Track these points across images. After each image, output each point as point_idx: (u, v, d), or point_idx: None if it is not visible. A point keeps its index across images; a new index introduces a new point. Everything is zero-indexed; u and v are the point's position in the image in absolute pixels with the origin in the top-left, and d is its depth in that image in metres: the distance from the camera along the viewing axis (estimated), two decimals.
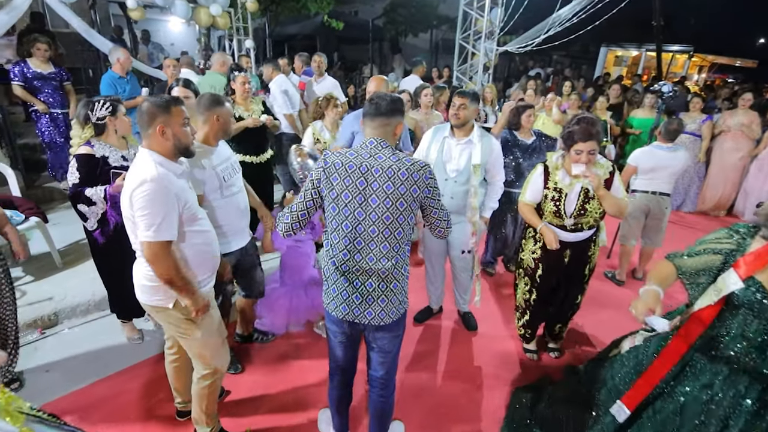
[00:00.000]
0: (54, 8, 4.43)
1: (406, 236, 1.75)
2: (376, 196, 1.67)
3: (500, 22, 7.23)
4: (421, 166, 1.69)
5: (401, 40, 13.38)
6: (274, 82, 4.84)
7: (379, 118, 1.72)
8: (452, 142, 2.75)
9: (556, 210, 2.46)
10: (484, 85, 6.83)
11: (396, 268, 1.76)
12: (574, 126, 2.26)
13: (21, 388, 2.55)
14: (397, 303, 1.81)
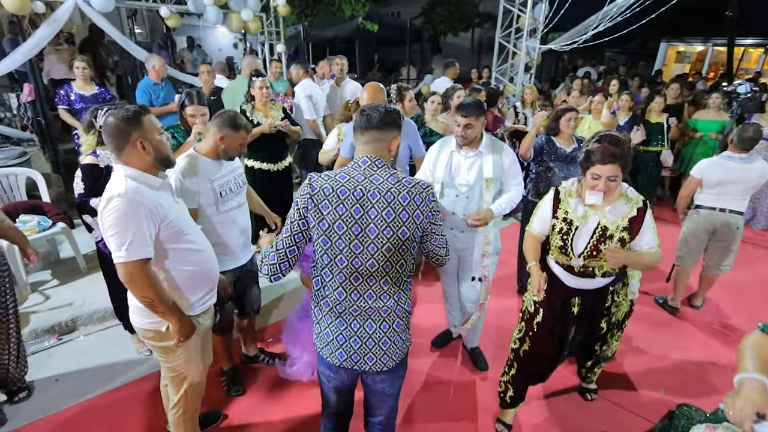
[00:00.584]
0: (92, 18, 4.56)
1: (408, 269, 1.55)
2: (374, 225, 1.44)
3: (544, 18, 6.74)
4: (423, 187, 1.48)
5: (441, 40, 13.03)
6: (300, 86, 4.75)
7: (371, 132, 1.49)
8: (460, 156, 2.49)
9: (562, 245, 2.01)
10: (524, 86, 6.41)
11: (399, 305, 1.56)
12: (594, 144, 1.85)
13: (29, 398, 2.55)
14: (400, 343, 1.60)
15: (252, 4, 5.65)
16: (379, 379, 1.63)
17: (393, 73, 12.96)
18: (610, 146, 1.80)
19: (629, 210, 1.92)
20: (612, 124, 4.46)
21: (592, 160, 1.83)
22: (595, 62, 13.12)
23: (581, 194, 2.00)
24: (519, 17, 7.00)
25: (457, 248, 2.55)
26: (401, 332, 1.59)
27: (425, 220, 1.49)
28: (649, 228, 1.93)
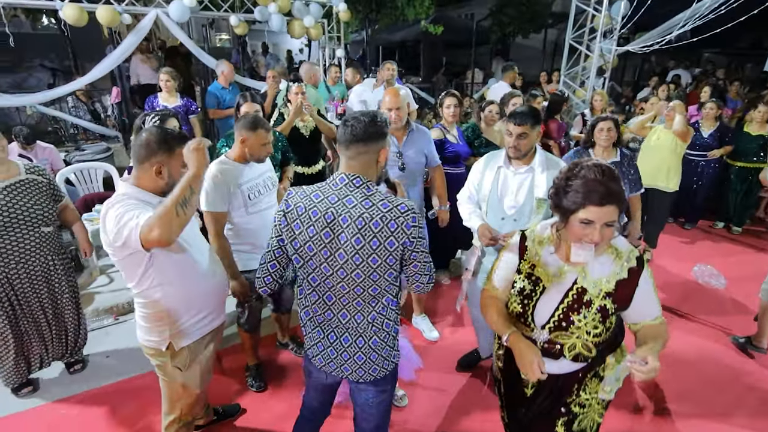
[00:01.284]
0: (168, 27, 5.01)
1: (383, 292, 1.47)
2: (343, 251, 1.38)
3: (623, 17, 6.17)
4: (401, 212, 1.36)
5: (510, 41, 12.50)
6: (354, 90, 4.83)
7: (355, 146, 1.39)
8: (509, 172, 2.25)
9: (521, 311, 1.52)
10: (594, 91, 5.91)
11: (374, 324, 1.50)
12: (580, 175, 1.31)
13: (83, 370, 2.84)
14: (378, 360, 1.54)
15: (314, 10, 5.84)
16: (362, 388, 1.61)
17: (459, 76, 12.71)
18: (608, 179, 1.28)
19: (618, 269, 1.40)
20: (686, 134, 3.91)
21: (581, 198, 1.28)
22: (688, 64, 11.77)
23: (558, 245, 1.48)
24: (594, 17, 6.49)
25: None
26: (379, 349, 1.53)
27: (400, 247, 1.38)
28: (649, 295, 1.43)
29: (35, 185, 2.37)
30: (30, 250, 2.36)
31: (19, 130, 3.97)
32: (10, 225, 2.26)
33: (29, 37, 9.23)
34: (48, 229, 2.42)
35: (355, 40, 13.25)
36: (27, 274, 2.39)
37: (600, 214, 1.28)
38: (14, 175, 2.31)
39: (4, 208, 2.24)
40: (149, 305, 1.70)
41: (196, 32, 10.41)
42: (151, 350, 1.79)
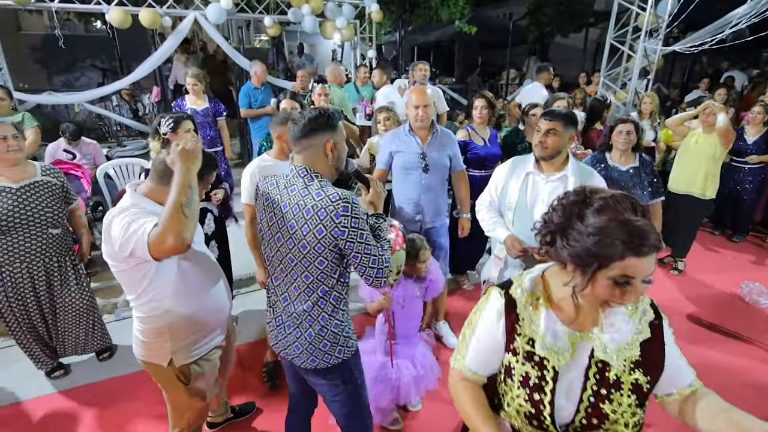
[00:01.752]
0: (205, 29, 5.17)
1: (316, 281, 1.50)
2: (281, 234, 1.50)
3: (669, 15, 5.82)
4: (332, 201, 1.40)
5: (548, 41, 12.10)
6: (381, 92, 4.81)
7: (299, 142, 1.49)
8: (539, 178, 2.08)
9: (532, 410, 1.06)
10: (642, 93, 5.59)
11: (310, 315, 1.53)
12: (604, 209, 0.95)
13: (110, 357, 2.94)
14: (318, 352, 1.55)
15: (347, 11, 5.87)
16: (312, 379, 1.64)
17: (494, 77, 12.45)
18: (645, 215, 0.95)
19: (638, 326, 1.07)
20: (728, 135, 3.58)
21: (620, 247, 0.90)
22: (745, 65, 10.98)
23: (560, 307, 1.07)
24: (638, 15, 6.16)
25: None
26: (316, 341, 1.54)
27: (329, 235, 1.41)
28: (676, 351, 1.10)
29: (49, 187, 2.37)
30: (35, 251, 2.34)
31: (66, 126, 4.21)
32: (20, 225, 2.26)
33: (82, 39, 9.85)
34: (56, 231, 2.41)
35: (389, 41, 13.24)
36: (29, 274, 2.38)
37: (644, 267, 0.91)
38: (30, 176, 2.31)
39: (17, 208, 2.23)
40: (150, 320, 1.62)
41: (234, 34, 10.75)
42: (150, 366, 1.70)
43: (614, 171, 2.82)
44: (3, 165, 2.23)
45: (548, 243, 1.05)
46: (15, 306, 2.44)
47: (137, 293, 1.59)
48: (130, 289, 1.60)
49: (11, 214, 2.23)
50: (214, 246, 2.87)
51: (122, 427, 2.41)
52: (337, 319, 1.56)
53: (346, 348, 1.60)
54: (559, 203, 1.05)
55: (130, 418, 2.46)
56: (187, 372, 1.72)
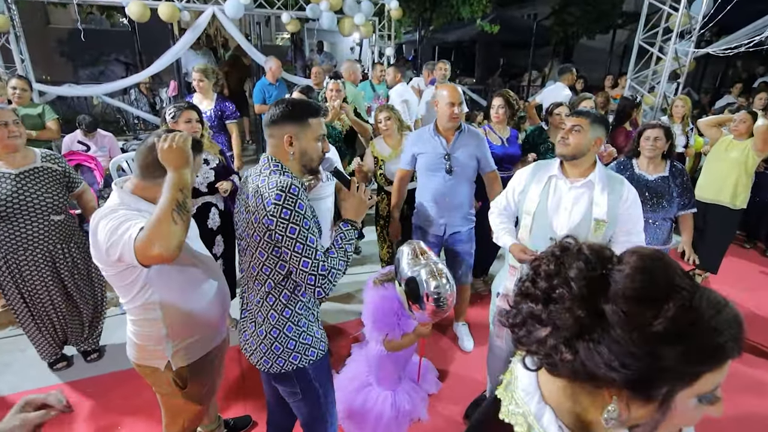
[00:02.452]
0: (223, 24, 5.16)
1: (263, 274, 1.42)
2: (241, 223, 1.47)
3: (704, 16, 5.53)
4: (268, 187, 1.33)
5: (573, 43, 11.77)
6: (395, 90, 4.72)
7: (267, 128, 1.45)
8: (562, 184, 1.90)
9: None
10: (670, 98, 5.33)
11: (261, 310, 1.46)
12: (690, 299, 0.57)
13: (99, 359, 2.82)
14: (273, 353, 1.47)
15: (365, 8, 5.79)
16: (276, 383, 1.58)
17: (515, 78, 12.20)
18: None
19: None
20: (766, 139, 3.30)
21: (731, 347, 0.58)
22: None
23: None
24: (669, 16, 5.89)
25: None
26: (268, 341, 1.46)
27: (261, 224, 1.33)
28: None
29: (49, 173, 2.33)
30: (37, 238, 2.32)
31: (83, 118, 4.24)
32: (20, 212, 2.24)
33: (106, 33, 10.04)
34: (58, 218, 2.38)
35: (409, 41, 13.12)
36: (35, 262, 2.36)
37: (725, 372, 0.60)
38: (30, 162, 2.29)
39: (17, 194, 2.21)
40: (146, 323, 1.54)
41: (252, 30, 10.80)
42: (147, 369, 1.63)
43: (640, 180, 2.64)
44: (3, 151, 2.21)
45: (546, 356, 0.62)
46: (25, 293, 2.43)
47: (131, 296, 1.50)
48: (124, 292, 1.51)
49: (11, 200, 2.20)
50: (220, 241, 2.81)
51: (121, 421, 2.37)
52: (291, 321, 1.46)
53: (303, 356, 1.48)
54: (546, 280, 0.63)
55: (129, 412, 2.42)
56: (184, 375, 1.64)
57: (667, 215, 2.64)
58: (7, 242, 2.28)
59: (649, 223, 2.66)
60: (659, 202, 2.60)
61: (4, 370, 2.74)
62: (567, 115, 1.93)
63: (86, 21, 9.40)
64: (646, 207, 2.61)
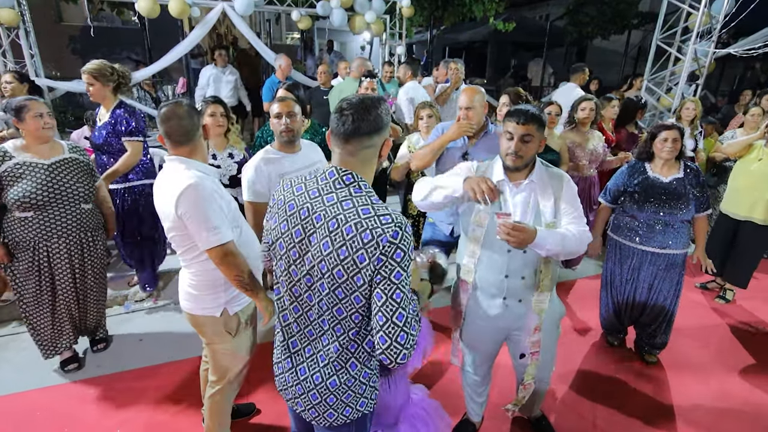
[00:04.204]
0: (233, 20, 5.11)
1: (350, 321, 1.18)
2: (311, 254, 1.16)
3: (725, 16, 5.37)
4: (381, 222, 1.09)
5: (587, 43, 11.57)
6: (403, 88, 4.63)
7: (359, 140, 1.14)
8: (507, 189, 1.73)
9: None
10: (684, 98, 5.17)
11: (337, 360, 1.23)
12: None
13: (106, 349, 2.86)
14: (338, 404, 1.26)
15: (376, 6, 5.70)
16: (322, 430, 1.35)
17: (527, 79, 12.03)
18: None
19: None
20: None
21: None
22: None
23: None
24: (689, 15, 5.73)
25: (509, 326, 1.87)
26: (339, 392, 1.25)
27: (370, 266, 1.08)
28: None
29: (77, 164, 2.44)
30: (71, 225, 2.43)
31: (90, 114, 4.22)
32: (54, 200, 2.34)
33: (116, 31, 10.09)
34: (88, 206, 2.51)
35: (420, 41, 13.02)
36: (67, 249, 2.45)
37: None
38: (59, 153, 2.40)
39: (50, 184, 2.31)
40: (205, 273, 1.72)
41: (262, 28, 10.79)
42: (202, 319, 1.79)
43: (655, 183, 2.53)
44: (37, 142, 2.32)
45: None
46: (47, 283, 2.46)
47: (189, 246, 1.68)
48: (183, 244, 1.69)
49: (45, 189, 2.30)
50: None
51: (123, 421, 2.32)
52: (368, 368, 1.28)
53: (369, 400, 1.32)
54: None
55: (132, 412, 2.38)
56: (236, 323, 1.84)
57: (685, 218, 2.54)
58: (40, 230, 2.35)
59: (668, 226, 2.55)
60: (677, 205, 2.49)
61: (4, 367, 2.71)
62: (509, 119, 1.67)
63: (97, 18, 9.45)
64: (665, 210, 2.51)
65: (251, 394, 2.53)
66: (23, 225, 2.33)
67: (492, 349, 2.01)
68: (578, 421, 2.40)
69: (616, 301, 2.87)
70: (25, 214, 2.31)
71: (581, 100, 3.68)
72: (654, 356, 2.88)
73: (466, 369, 2.12)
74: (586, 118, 3.61)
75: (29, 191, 2.26)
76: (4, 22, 4.51)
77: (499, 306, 1.81)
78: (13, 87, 3.52)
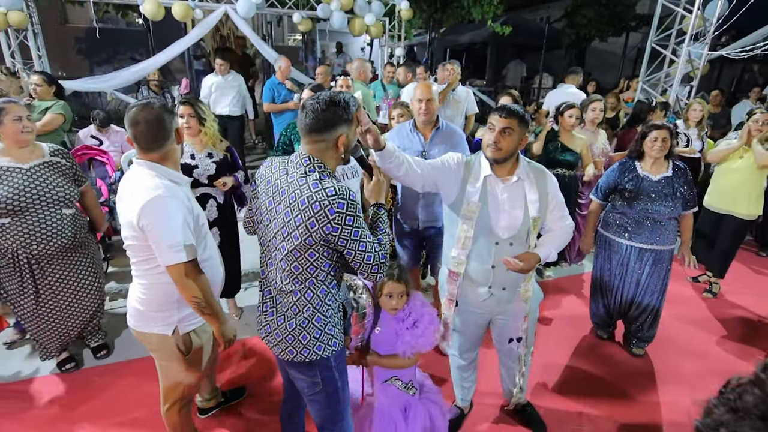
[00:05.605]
0: (235, 22, 5.22)
1: (306, 273, 1.44)
2: (276, 221, 1.45)
3: (718, 18, 5.45)
4: (328, 195, 1.34)
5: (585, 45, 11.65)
6: (405, 90, 4.72)
7: (310, 136, 1.42)
8: (495, 184, 1.81)
9: None
10: (683, 101, 5.26)
11: (296, 304, 1.48)
12: None
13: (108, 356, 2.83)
14: (300, 343, 1.49)
15: (376, 8, 5.81)
16: (293, 373, 1.59)
17: (527, 81, 12.12)
18: None
19: None
20: None
21: None
22: None
23: None
24: (683, 18, 5.82)
25: (492, 311, 1.99)
26: (297, 332, 1.48)
27: (320, 231, 1.35)
28: None
29: (58, 168, 2.35)
30: (51, 230, 2.32)
31: (96, 113, 4.33)
32: (32, 205, 2.24)
33: (121, 32, 10.24)
34: (69, 211, 2.40)
35: (420, 42, 13.13)
36: (48, 255, 2.35)
37: None
38: (38, 157, 2.30)
39: (27, 188, 2.22)
40: (158, 286, 1.62)
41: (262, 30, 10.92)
42: (150, 337, 1.70)
43: (645, 181, 2.63)
44: (16, 146, 2.24)
45: None
46: (31, 290, 2.39)
47: (149, 260, 1.59)
48: (140, 254, 1.60)
49: (23, 194, 2.21)
50: (216, 233, 2.85)
51: (121, 411, 2.40)
52: (321, 313, 1.50)
53: (327, 346, 1.52)
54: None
55: (131, 402, 2.46)
56: (187, 342, 1.74)
57: (673, 214, 2.64)
58: (20, 236, 2.26)
59: (656, 223, 2.65)
60: (665, 202, 2.59)
61: (8, 356, 2.80)
62: (494, 112, 1.76)
63: (102, 20, 9.59)
64: (653, 207, 2.61)
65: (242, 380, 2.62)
66: (1, 232, 2.23)
67: (477, 334, 2.12)
68: (565, 411, 2.49)
69: (606, 296, 2.97)
70: (1, 220, 2.21)
71: (591, 100, 3.77)
72: (641, 349, 2.96)
73: (452, 353, 2.24)
74: (596, 118, 3.72)
75: (5, 196, 2.15)
76: (13, 24, 4.63)
77: (484, 294, 1.92)
78: (42, 90, 3.54)
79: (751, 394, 0.53)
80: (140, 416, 2.36)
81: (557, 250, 1.85)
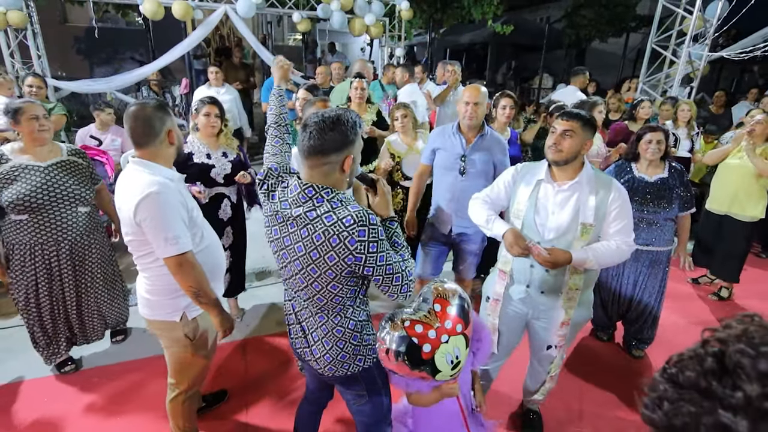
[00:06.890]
0: (234, 23, 5.22)
1: (332, 303, 1.40)
2: (287, 252, 1.39)
3: (718, 19, 5.45)
4: (345, 226, 1.25)
5: (585, 45, 11.65)
6: (404, 90, 4.70)
7: (314, 158, 1.29)
8: (550, 188, 1.84)
9: None
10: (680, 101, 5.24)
11: (332, 332, 1.46)
12: None
13: (124, 341, 2.96)
14: (339, 362, 1.47)
15: (376, 8, 5.80)
16: (339, 388, 1.62)
17: (526, 81, 12.13)
18: None
19: None
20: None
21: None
22: None
23: None
24: (683, 19, 5.81)
25: (527, 313, 1.98)
26: (335, 353, 1.46)
27: (342, 263, 1.28)
28: None
29: (75, 166, 2.41)
30: (67, 228, 2.38)
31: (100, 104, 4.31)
32: (50, 203, 2.29)
33: (122, 32, 10.23)
34: (85, 209, 2.46)
35: (420, 42, 13.12)
36: (65, 252, 2.41)
37: None
38: (56, 156, 2.36)
39: (46, 186, 2.27)
40: (161, 277, 1.68)
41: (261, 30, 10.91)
42: (160, 324, 1.78)
43: (640, 183, 2.63)
44: (34, 144, 2.29)
45: None
46: (44, 287, 2.43)
47: (146, 251, 1.65)
48: (140, 249, 1.66)
49: (41, 192, 2.26)
50: (230, 233, 2.87)
51: (128, 412, 2.40)
52: (355, 331, 1.48)
53: (367, 357, 1.51)
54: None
55: (135, 401, 2.46)
56: (195, 327, 1.81)
57: (669, 216, 2.64)
58: (36, 233, 2.31)
59: (652, 224, 2.65)
60: (661, 204, 2.59)
61: (9, 357, 2.79)
62: (557, 116, 1.84)
63: (102, 19, 9.58)
64: (649, 209, 2.61)
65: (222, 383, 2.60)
66: (18, 228, 2.30)
67: (513, 337, 2.09)
68: (566, 413, 2.48)
69: (603, 297, 2.96)
70: (19, 217, 2.27)
71: (593, 105, 3.73)
72: (641, 351, 2.96)
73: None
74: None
75: (23, 193, 2.21)
76: (13, 24, 4.62)
77: (522, 292, 1.94)
78: (42, 92, 3.55)
79: (692, 370, 0.58)
80: (140, 416, 2.35)
81: (599, 261, 1.75)
